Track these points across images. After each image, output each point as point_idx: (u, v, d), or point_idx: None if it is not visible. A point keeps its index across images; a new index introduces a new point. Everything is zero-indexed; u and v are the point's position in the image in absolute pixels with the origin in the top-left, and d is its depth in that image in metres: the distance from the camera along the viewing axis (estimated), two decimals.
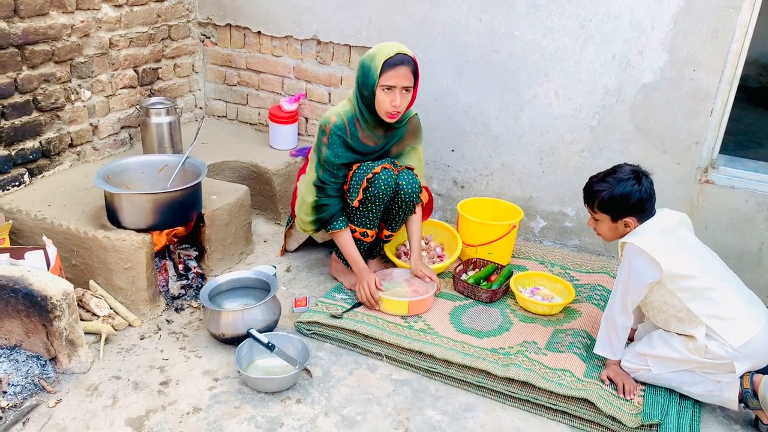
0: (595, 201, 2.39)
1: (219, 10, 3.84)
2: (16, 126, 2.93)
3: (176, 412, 2.25)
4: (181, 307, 2.83)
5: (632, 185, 2.31)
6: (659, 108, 3.01)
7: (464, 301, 2.91)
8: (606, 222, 2.40)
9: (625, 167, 2.38)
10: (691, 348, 2.27)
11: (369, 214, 2.77)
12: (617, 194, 2.32)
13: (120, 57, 3.40)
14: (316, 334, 2.68)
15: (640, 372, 2.40)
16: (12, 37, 2.80)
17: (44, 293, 2.29)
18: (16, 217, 2.83)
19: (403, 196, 2.79)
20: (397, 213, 2.86)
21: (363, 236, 2.84)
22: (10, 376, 2.29)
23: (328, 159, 2.70)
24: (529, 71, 3.20)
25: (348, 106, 2.75)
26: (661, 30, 2.89)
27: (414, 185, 2.80)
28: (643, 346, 2.40)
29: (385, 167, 2.73)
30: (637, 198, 2.30)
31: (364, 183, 2.70)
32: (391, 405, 2.34)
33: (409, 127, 2.87)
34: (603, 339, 2.43)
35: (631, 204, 2.31)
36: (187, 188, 2.72)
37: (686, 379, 2.33)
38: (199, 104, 4.13)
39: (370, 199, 2.73)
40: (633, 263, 2.28)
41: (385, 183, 2.70)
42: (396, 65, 2.58)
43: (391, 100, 2.61)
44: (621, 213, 2.34)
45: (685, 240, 2.36)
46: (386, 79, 2.58)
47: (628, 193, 2.31)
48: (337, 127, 2.69)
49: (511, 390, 2.37)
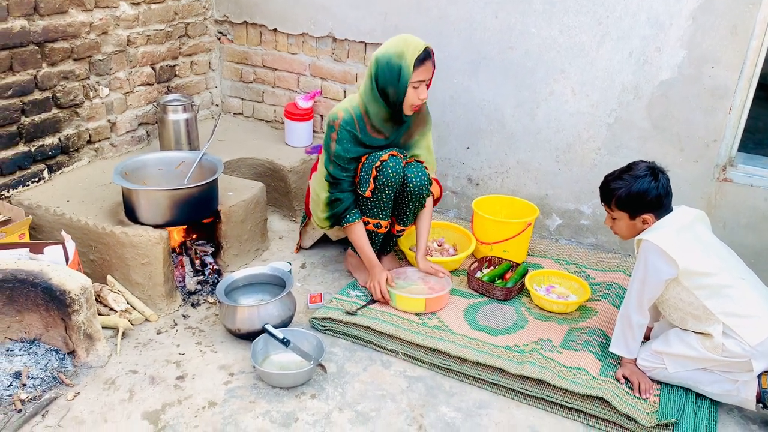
0: (612, 199, 2.37)
1: (236, 8, 3.86)
2: (36, 123, 2.96)
3: (192, 407, 2.27)
4: (198, 303, 2.85)
5: (649, 182, 2.29)
6: (677, 105, 2.98)
7: (479, 299, 2.90)
8: (623, 220, 2.38)
9: (640, 164, 2.36)
10: (707, 346, 2.25)
11: (380, 203, 2.77)
12: (634, 191, 2.31)
13: (138, 54, 3.43)
14: (331, 331, 2.69)
15: (656, 371, 2.38)
16: (32, 34, 2.84)
17: (63, 288, 2.32)
18: (35, 212, 2.87)
19: (412, 188, 2.78)
20: (407, 206, 2.85)
21: (376, 227, 2.84)
22: (30, 369, 2.33)
23: (337, 154, 2.71)
24: (546, 68, 3.18)
25: (356, 101, 2.74)
26: (680, 26, 2.86)
27: (423, 178, 2.78)
28: (659, 344, 2.39)
29: (393, 154, 2.73)
30: (654, 194, 2.29)
31: (373, 172, 2.71)
32: (405, 401, 2.35)
33: (416, 116, 2.84)
34: (618, 337, 2.42)
35: (649, 200, 2.30)
36: (203, 185, 2.74)
37: (703, 378, 2.31)
38: (216, 101, 4.16)
39: (379, 187, 2.72)
40: (649, 260, 2.26)
41: (393, 170, 2.69)
42: (424, 61, 2.60)
43: (419, 94, 2.63)
44: (638, 210, 2.33)
45: (702, 237, 2.34)
46: (417, 76, 2.59)
47: (645, 189, 2.29)
48: (346, 122, 2.69)
49: (526, 388, 2.37)
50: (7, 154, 2.87)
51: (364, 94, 2.72)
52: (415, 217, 2.94)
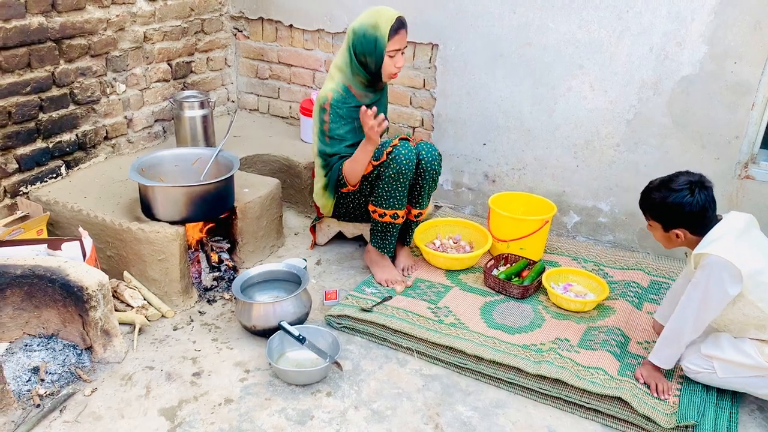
0: (647, 207, 2.30)
1: (251, 4, 3.85)
2: (54, 119, 2.98)
3: (208, 403, 2.28)
4: (214, 299, 2.85)
5: (684, 196, 2.18)
6: (698, 101, 2.94)
7: (495, 297, 2.88)
8: (659, 230, 2.30)
9: (681, 177, 2.24)
10: (766, 354, 2.18)
11: (395, 192, 2.76)
12: (668, 204, 2.21)
13: (154, 51, 3.43)
14: (346, 328, 2.68)
15: (702, 374, 2.30)
16: (50, 31, 2.85)
17: (80, 284, 2.33)
18: (53, 208, 2.88)
19: (425, 165, 2.81)
20: (422, 187, 2.86)
21: (393, 218, 2.83)
22: (48, 365, 2.34)
23: (332, 129, 2.84)
24: (564, 64, 3.15)
25: (337, 77, 2.86)
26: (701, 21, 2.82)
27: (434, 153, 2.84)
28: (709, 347, 2.28)
29: (402, 138, 2.79)
30: (687, 210, 2.17)
31: (383, 157, 2.73)
32: (421, 400, 2.34)
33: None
34: (662, 350, 2.31)
35: (682, 216, 2.19)
36: (220, 181, 2.74)
37: (757, 382, 2.24)
38: (232, 98, 4.16)
39: (393, 176, 2.72)
40: (714, 277, 2.11)
41: (406, 157, 2.71)
42: (398, 30, 2.72)
43: (395, 62, 2.77)
44: (672, 223, 2.23)
45: (761, 243, 2.23)
46: (392, 45, 2.72)
47: (679, 204, 2.19)
48: (336, 101, 2.82)
49: (543, 387, 2.35)
50: (26, 150, 2.89)
51: (344, 66, 2.84)
52: (429, 197, 2.97)
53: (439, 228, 3.29)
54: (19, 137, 2.85)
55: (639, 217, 3.19)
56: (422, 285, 2.94)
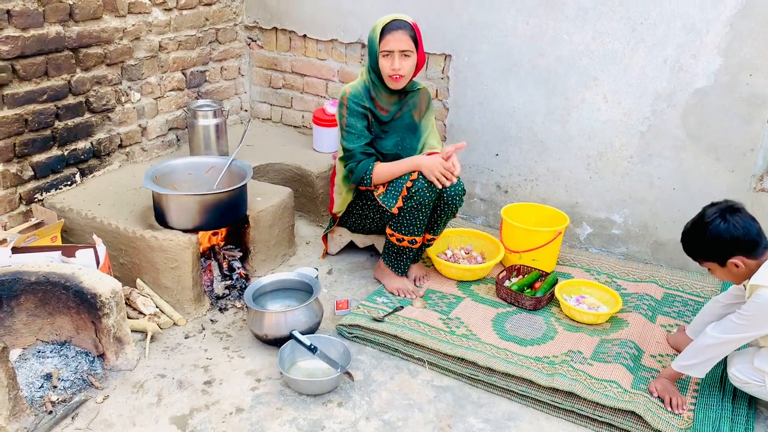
0: (694, 252, 2.27)
1: (266, 14, 3.88)
2: (69, 127, 3.00)
3: (219, 412, 2.27)
4: (225, 307, 2.86)
5: (718, 225, 2.14)
6: (713, 114, 2.92)
7: (507, 308, 2.87)
8: (717, 269, 2.23)
9: (708, 210, 2.21)
10: None
11: (415, 221, 2.77)
12: (708, 240, 2.17)
13: (169, 60, 3.46)
14: (358, 338, 2.67)
15: (750, 385, 2.27)
16: (67, 40, 2.88)
17: (94, 291, 2.34)
18: (67, 215, 2.90)
19: (447, 199, 2.79)
20: (439, 216, 2.85)
21: (411, 244, 2.85)
22: (61, 371, 2.35)
23: (350, 124, 2.82)
24: (578, 75, 3.14)
25: (361, 78, 2.89)
26: (717, 33, 2.81)
27: (458, 189, 2.79)
28: (763, 362, 2.23)
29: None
30: (729, 237, 2.13)
31: (403, 191, 2.71)
32: (433, 411, 2.32)
33: (420, 96, 2.95)
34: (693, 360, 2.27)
35: (727, 244, 2.14)
36: (233, 190, 2.75)
37: None
38: (245, 107, 4.18)
39: (415, 207, 2.72)
40: (764, 313, 2.09)
41: (429, 190, 2.70)
42: (392, 30, 2.70)
43: (390, 64, 2.73)
44: (724, 256, 2.18)
45: None
46: (385, 45, 2.71)
47: (717, 234, 2.14)
48: (353, 95, 2.83)
49: (556, 400, 2.33)
50: (41, 157, 2.92)
51: (365, 72, 2.88)
52: (445, 226, 2.95)
53: (450, 238, 3.28)
54: (35, 145, 2.87)
55: (652, 229, 3.20)
56: (434, 296, 2.93)
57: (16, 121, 2.76)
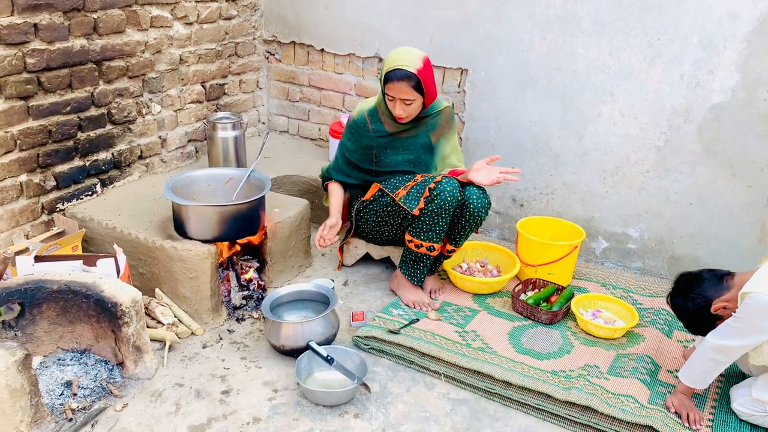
0: (687, 327, 2.41)
1: (284, 28, 3.93)
2: (91, 138, 3.05)
3: (237, 422, 2.29)
4: (243, 318, 2.88)
5: (680, 303, 2.35)
6: (729, 129, 2.92)
7: (523, 322, 2.87)
8: (720, 320, 2.26)
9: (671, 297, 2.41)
10: None
11: (435, 227, 2.77)
12: (682, 315, 2.36)
13: (189, 73, 3.51)
14: (374, 349, 2.68)
15: (755, 417, 2.27)
16: (91, 53, 2.93)
17: (114, 300, 2.37)
18: (88, 225, 2.94)
19: (472, 210, 2.79)
20: (462, 227, 2.86)
21: (429, 251, 2.84)
22: (81, 379, 2.37)
23: (340, 153, 3.03)
24: (594, 90, 3.16)
25: (373, 98, 2.96)
26: (734, 50, 2.82)
27: (484, 201, 2.80)
28: (760, 391, 2.24)
29: (447, 176, 2.77)
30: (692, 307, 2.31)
31: (425, 192, 2.72)
32: (449, 424, 2.33)
33: (441, 118, 2.95)
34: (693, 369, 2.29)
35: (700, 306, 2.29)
36: (252, 201, 2.78)
37: None
38: (262, 119, 4.23)
39: (435, 211, 2.73)
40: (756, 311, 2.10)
41: (450, 194, 2.70)
42: (394, 80, 2.72)
43: (393, 107, 2.79)
44: (707, 312, 2.27)
45: None
46: (388, 90, 2.75)
47: (683, 309, 2.35)
48: (355, 122, 2.93)
49: (572, 414, 2.33)
50: (64, 168, 2.97)
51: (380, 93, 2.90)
52: (467, 238, 2.95)
53: (466, 251, 3.29)
54: (58, 155, 2.92)
55: (668, 244, 3.20)
56: (449, 308, 2.94)
57: (40, 132, 2.81)
